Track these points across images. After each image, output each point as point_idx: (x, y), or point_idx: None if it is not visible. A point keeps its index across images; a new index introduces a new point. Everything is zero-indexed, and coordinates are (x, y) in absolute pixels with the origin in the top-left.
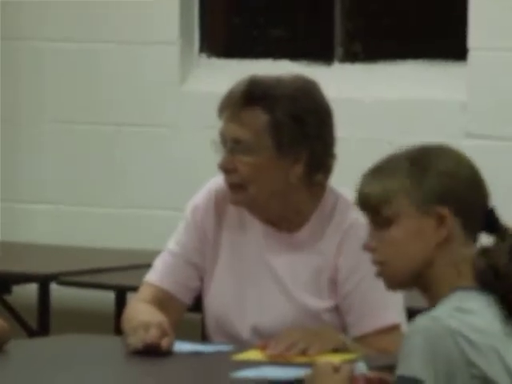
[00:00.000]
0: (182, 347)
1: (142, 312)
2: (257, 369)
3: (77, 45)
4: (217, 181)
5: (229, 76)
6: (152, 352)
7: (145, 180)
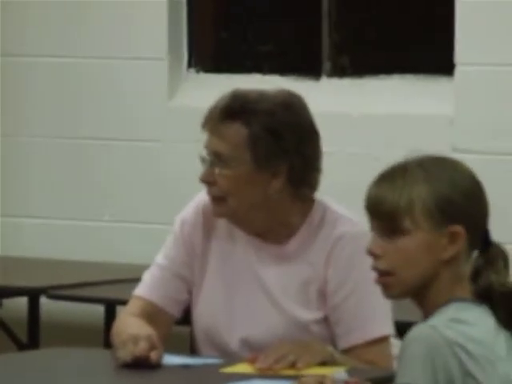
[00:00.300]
0: (171, 360)
1: (131, 325)
2: (245, 382)
3: (65, 60)
4: (205, 194)
5: (217, 91)
6: (141, 365)
7: (133, 194)
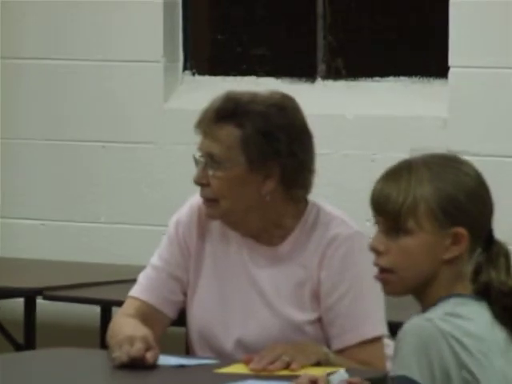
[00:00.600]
0: (167, 361)
1: (127, 326)
2: (240, 382)
3: (62, 63)
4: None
5: (212, 93)
6: (137, 365)
7: (129, 196)
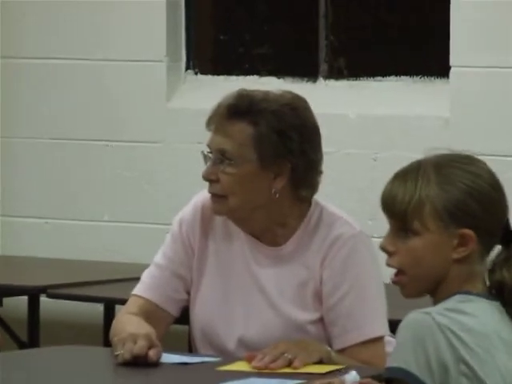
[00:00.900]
0: (170, 358)
1: (130, 324)
2: (242, 380)
3: (65, 62)
4: (204, 194)
5: (215, 93)
6: (140, 363)
7: (132, 194)
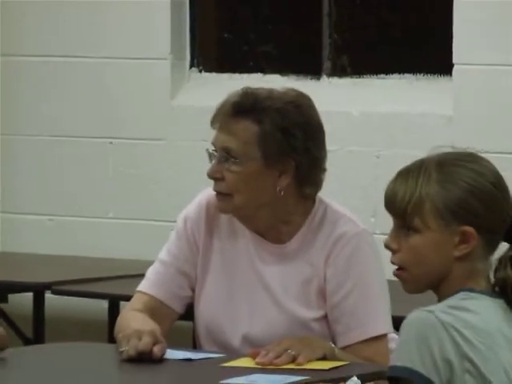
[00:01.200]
0: (174, 355)
1: (135, 320)
2: (246, 376)
3: (69, 60)
4: (208, 192)
5: (219, 90)
6: (145, 359)
7: (136, 192)
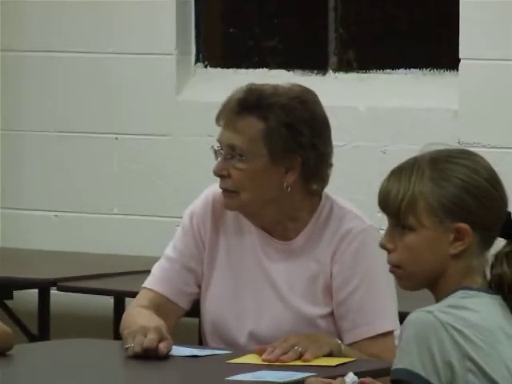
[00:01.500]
0: (180, 351)
1: (141, 317)
2: (252, 372)
3: (75, 55)
4: (214, 188)
5: (225, 86)
6: (150, 356)
7: (142, 187)
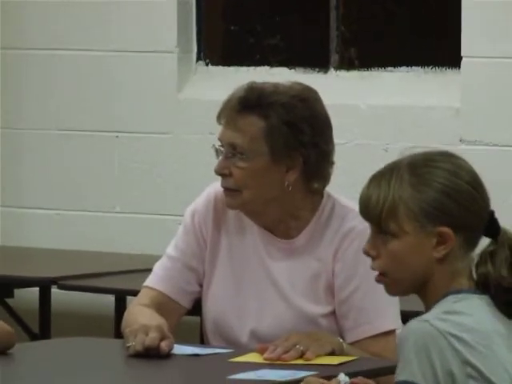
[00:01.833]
0: (181, 350)
1: (142, 315)
2: (254, 371)
3: (76, 53)
4: (216, 186)
5: (226, 84)
6: (152, 354)
7: (143, 186)
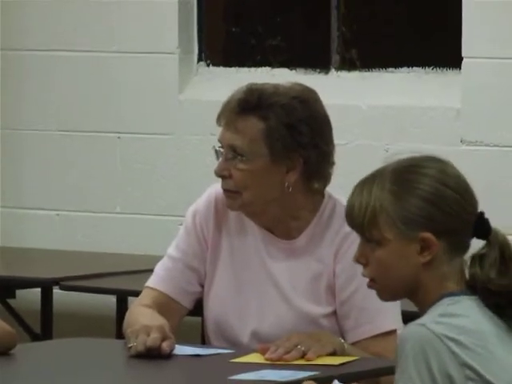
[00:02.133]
0: (183, 350)
1: (143, 316)
2: (255, 371)
3: (77, 54)
4: (217, 186)
5: (227, 84)
6: (153, 355)
7: (144, 186)
